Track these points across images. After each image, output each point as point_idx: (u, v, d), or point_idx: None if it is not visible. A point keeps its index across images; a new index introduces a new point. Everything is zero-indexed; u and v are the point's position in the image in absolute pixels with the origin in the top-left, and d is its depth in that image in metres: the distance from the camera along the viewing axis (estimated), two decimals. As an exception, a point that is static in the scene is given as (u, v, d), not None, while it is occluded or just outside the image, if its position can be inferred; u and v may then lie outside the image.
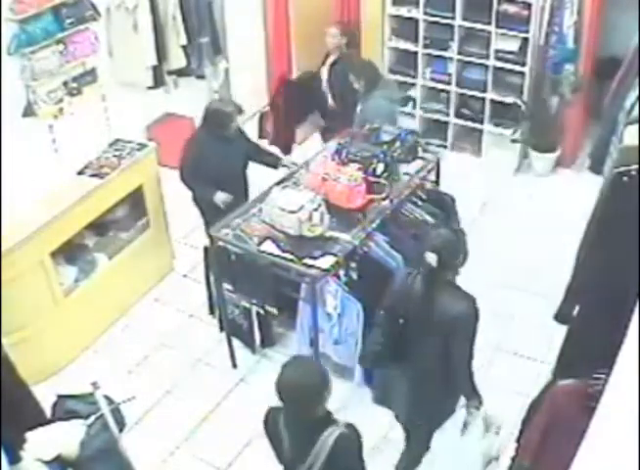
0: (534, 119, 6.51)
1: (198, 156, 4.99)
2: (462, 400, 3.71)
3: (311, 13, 7.03)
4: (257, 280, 4.47)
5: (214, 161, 4.92)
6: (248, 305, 4.72)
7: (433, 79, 6.87)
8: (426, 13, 6.50)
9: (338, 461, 2.99)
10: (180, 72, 8.00)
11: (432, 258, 3.43)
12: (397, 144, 4.87)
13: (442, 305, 3.45)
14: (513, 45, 6.36)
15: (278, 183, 4.82)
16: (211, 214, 5.04)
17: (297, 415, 3.02)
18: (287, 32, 6.99)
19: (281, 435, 3.07)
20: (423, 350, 3.57)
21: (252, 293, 4.58)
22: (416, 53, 6.76)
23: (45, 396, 3.72)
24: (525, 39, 6.27)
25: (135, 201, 5.41)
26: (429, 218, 4.65)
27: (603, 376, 2.54)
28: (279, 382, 2.93)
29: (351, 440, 3.02)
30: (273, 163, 5.32)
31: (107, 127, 6.08)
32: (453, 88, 6.79)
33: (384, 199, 4.58)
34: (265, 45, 7.27)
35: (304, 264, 4.23)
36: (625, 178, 3.04)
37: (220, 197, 5.01)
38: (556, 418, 2.98)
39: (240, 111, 5.11)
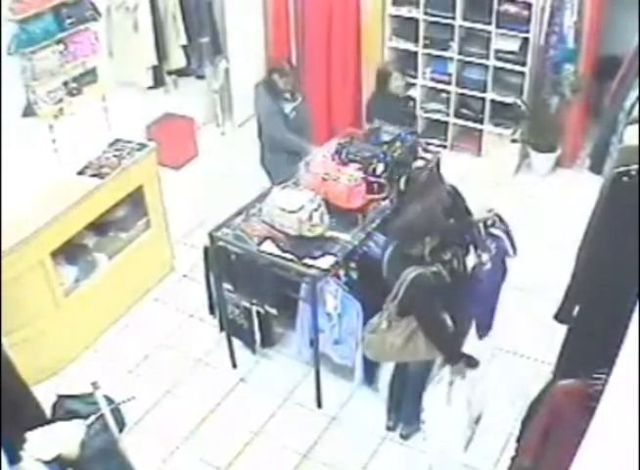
0: (534, 119, 6.51)
1: None
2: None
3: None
4: (257, 280, 4.47)
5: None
6: (248, 305, 4.72)
7: (433, 79, 6.87)
8: (426, 13, 6.50)
9: (410, 297, 3.62)
10: (180, 72, 7.99)
11: None
12: (397, 144, 4.87)
13: None
14: (513, 45, 6.36)
15: (278, 183, 4.82)
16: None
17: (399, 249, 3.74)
18: (287, 32, 6.99)
19: (385, 267, 3.80)
20: None
21: (253, 293, 4.58)
22: (416, 53, 6.76)
23: (45, 396, 3.73)
24: (526, 39, 6.27)
25: (135, 201, 5.41)
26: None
27: (603, 376, 2.54)
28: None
29: (423, 282, 3.58)
30: None
31: (107, 127, 6.08)
32: (453, 88, 6.79)
33: (384, 199, 4.59)
34: (265, 45, 7.27)
35: (304, 264, 4.23)
36: (625, 178, 3.03)
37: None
38: (556, 418, 2.98)
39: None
